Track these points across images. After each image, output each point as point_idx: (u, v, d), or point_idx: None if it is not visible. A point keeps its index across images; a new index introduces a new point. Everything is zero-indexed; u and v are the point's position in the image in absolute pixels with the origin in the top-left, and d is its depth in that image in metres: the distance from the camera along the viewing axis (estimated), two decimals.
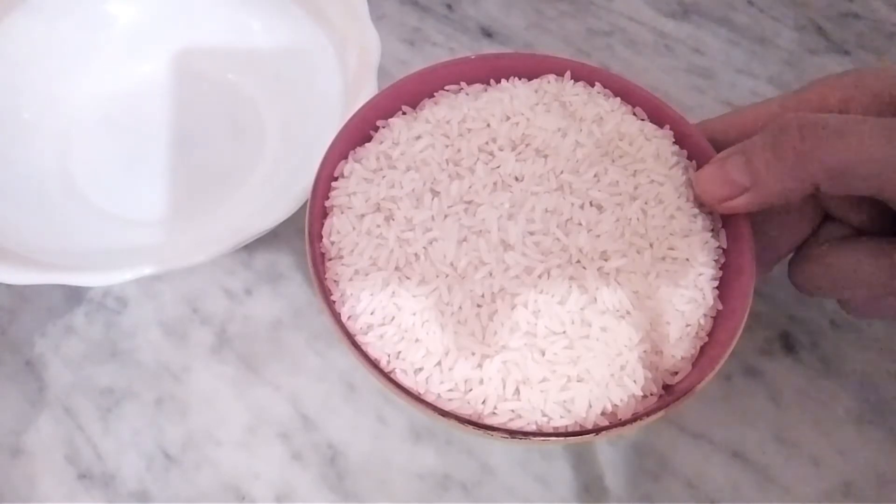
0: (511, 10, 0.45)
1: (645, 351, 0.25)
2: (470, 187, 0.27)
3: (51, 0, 0.36)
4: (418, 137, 0.28)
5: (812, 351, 0.32)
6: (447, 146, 0.28)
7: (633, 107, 0.30)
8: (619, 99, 0.30)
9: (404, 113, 0.30)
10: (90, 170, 0.36)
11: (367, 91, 0.31)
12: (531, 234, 0.26)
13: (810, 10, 0.44)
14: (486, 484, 0.29)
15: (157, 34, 0.39)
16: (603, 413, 0.24)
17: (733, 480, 0.29)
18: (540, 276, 0.25)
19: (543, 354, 0.24)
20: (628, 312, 0.25)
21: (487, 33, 0.43)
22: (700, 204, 0.27)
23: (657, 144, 0.28)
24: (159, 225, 0.35)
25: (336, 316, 0.25)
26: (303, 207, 0.29)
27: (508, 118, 0.28)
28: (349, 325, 0.25)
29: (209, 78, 0.39)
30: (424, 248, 0.25)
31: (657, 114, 0.29)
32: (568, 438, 0.23)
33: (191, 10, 0.38)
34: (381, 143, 0.29)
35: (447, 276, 0.25)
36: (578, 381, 0.24)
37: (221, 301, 0.34)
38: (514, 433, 0.23)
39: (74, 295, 0.34)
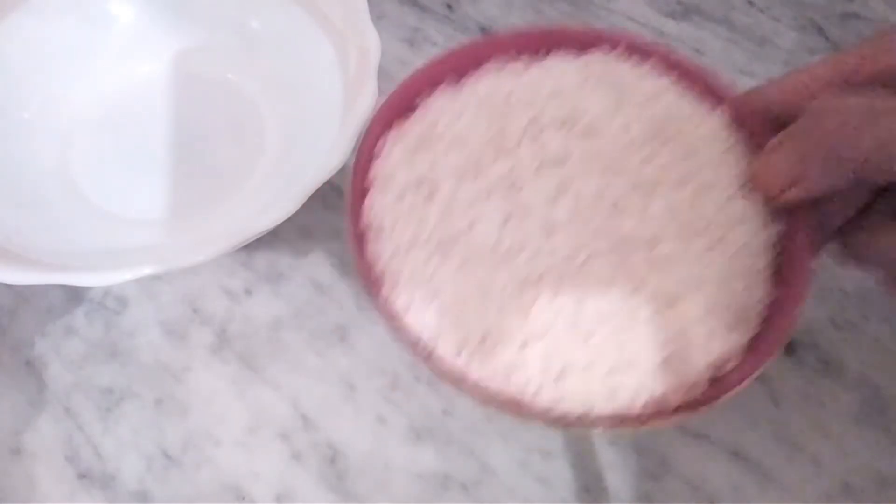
0: (511, 9, 0.44)
1: (694, 340, 0.23)
2: (514, 167, 0.25)
3: (51, 0, 0.36)
4: (462, 113, 0.27)
5: (812, 351, 0.32)
6: (492, 123, 0.26)
7: (688, 85, 0.28)
8: (672, 76, 0.28)
9: (447, 88, 0.29)
10: (90, 170, 0.36)
11: (368, 91, 0.31)
12: (577, 216, 0.24)
13: (810, 10, 0.44)
14: (486, 484, 0.29)
15: (157, 34, 0.39)
16: (650, 400, 0.23)
17: (733, 480, 0.29)
18: (586, 260, 0.24)
19: (588, 340, 0.23)
20: (679, 300, 0.24)
21: (487, 33, 0.43)
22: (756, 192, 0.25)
23: (711, 126, 0.26)
24: (159, 225, 0.35)
25: (376, 295, 0.24)
26: (303, 207, 0.29)
27: (555, 95, 0.27)
28: (389, 303, 0.24)
29: (209, 78, 0.39)
30: (466, 227, 0.24)
31: (713, 92, 0.28)
32: (612, 427, 0.22)
33: (191, 10, 0.38)
34: (424, 117, 0.27)
35: (490, 257, 0.24)
36: (625, 367, 0.23)
37: (221, 301, 0.34)
38: (557, 419, 0.22)
39: (74, 295, 0.34)
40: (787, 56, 0.42)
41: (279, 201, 0.30)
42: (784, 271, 0.25)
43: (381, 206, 0.26)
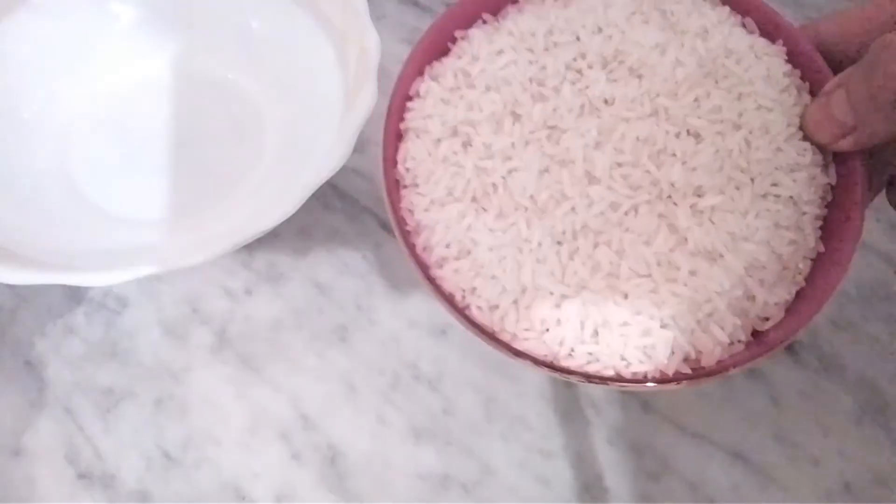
0: None
1: (736, 297, 0.23)
2: (554, 111, 0.24)
3: (51, 0, 0.36)
4: (500, 52, 0.26)
5: (812, 351, 0.32)
6: (531, 63, 0.25)
7: (743, 17, 0.26)
8: (727, 8, 0.26)
9: (485, 22, 0.27)
10: (90, 170, 0.36)
11: (368, 91, 0.31)
12: (619, 165, 0.23)
13: (810, 9, 0.44)
14: (486, 484, 0.29)
15: (157, 34, 0.39)
16: (685, 360, 0.22)
17: (733, 480, 0.29)
18: (626, 213, 0.23)
19: (626, 297, 0.22)
20: (721, 255, 0.23)
21: None
22: (810, 138, 0.24)
23: (768, 63, 0.25)
24: (159, 225, 0.35)
25: (410, 247, 0.24)
26: (303, 207, 0.29)
27: (601, 30, 0.25)
28: (423, 257, 0.24)
29: (209, 78, 0.39)
30: (503, 178, 0.24)
31: (770, 26, 0.26)
32: (647, 385, 0.22)
33: (191, 10, 0.38)
34: (460, 58, 0.26)
35: (526, 209, 0.23)
36: (662, 326, 0.22)
37: (221, 301, 0.34)
38: (590, 377, 0.22)
39: (74, 295, 0.34)
40: None
41: (279, 201, 0.30)
42: (833, 224, 0.24)
43: (416, 154, 0.25)
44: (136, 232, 0.34)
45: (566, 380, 0.22)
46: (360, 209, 0.36)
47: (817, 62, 0.25)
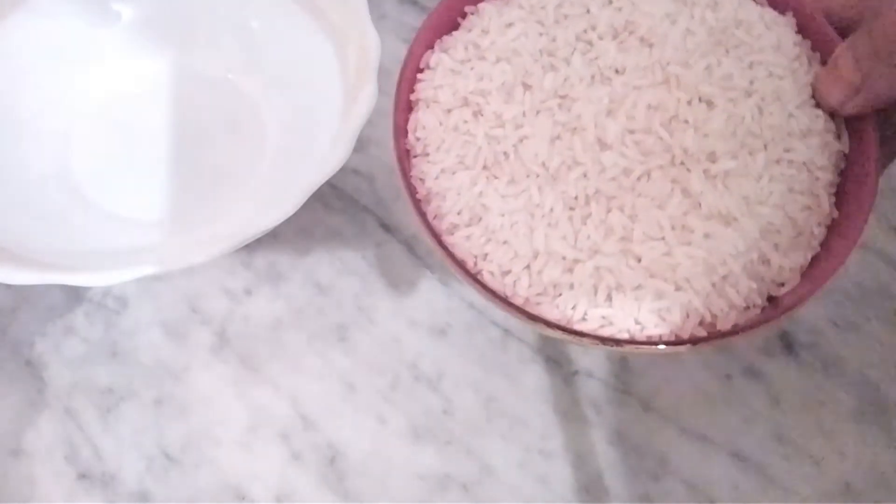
0: None
1: (751, 260, 0.23)
2: (565, 80, 0.24)
3: (51, 0, 0.36)
4: (510, 25, 0.26)
5: (812, 351, 0.32)
6: (541, 35, 0.25)
7: None
8: None
9: None
10: (90, 170, 0.36)
11: (368, 91, 0.31)
12: (631, 132, 0.23)
13: None
14: (486, 484, 0.29)
15: (157, 34, 0.39)
16: (701, 323, 0.22)
17: (733, 480, 0.29)
18: (639, 179, 0.23)
19: (640, 261, 0.22)
20: (735, 219, 0.22)
21: None
22: (822, 104, 0.24)
23: (778, 33, 0.25)
24: (159, 225, 0.35)
25: (422, 215, 0.24)
26: (303, 207, 0.29)
27: (611, 2, 0.26)
28: (435, 224, 0.24)
29: (209, 78, 0.39)
30: (514, 145, 0.24)
31: None
32: (662, 347, 0.22)
33: (191, 9, 0.38)
34: (470, 31, 0.26)
35: (538, 175, 0.23)
36: (676, 289, 0.22)
37: (221, 301, 0.34)
38: (605, 339, 0.22)
39: (74, 295, 0.34)
40: None
41: (279, 201, 0.30)
42: (847, 190, 0.24)
43: (427, 123, 0.25)
44: (136, 232, 0.34)
45: (579, 343, 0.22)
46: (360, 209, 0.36)
47: (827, 31, 0.25)
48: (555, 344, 0.32)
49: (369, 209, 0.35)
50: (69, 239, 0.33)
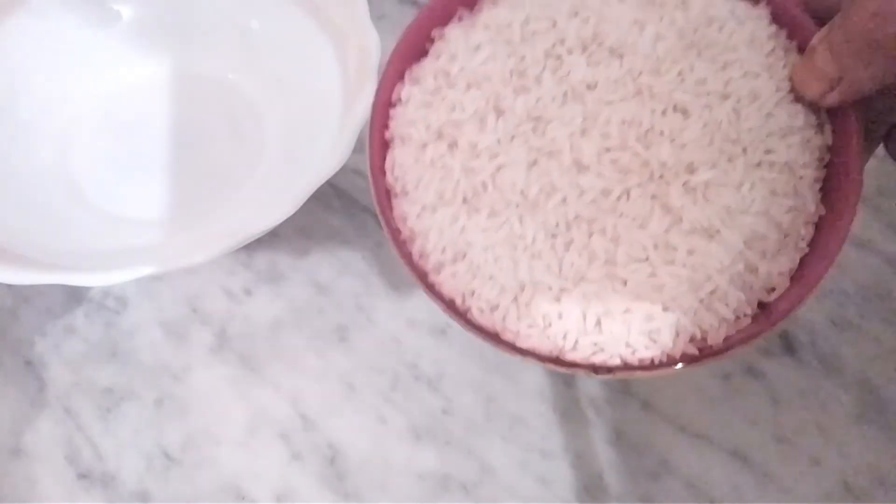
0: None
1: (738, 272, 0.22)
2: (537, 101, 0.24)
3: (52, 0, 0.36)
4: (477, 48, 0.25)
5: (812, 351, 0.32)
6: (510, 55, 0.25)
7: None
8: None
9: (461, 19, 0.27)
10: (90, 170, 0.36)
11: (368, 91, 0.31)
12: (607, 150, 0.23)
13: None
14: (486, 484, 0.29)
15: (157, 34, 0.39)
16: (692, 340, 0.22)
17: (733, 480, 0.29)
18: (618, 199, 0.23)
19: (625, 284, 0.22)
20: (718, 231, 0.22)
21: None
22: (801, 97, 0.24)
23: (751, 27, 0.24)
24: (159, 225, 0.35)
25: (407, 257, 0.24)
26: (303, 207, 0.29)
27: (577, 14, 0.25)
28: (420, 264, 0.24)
29: (209, 78, 0.39)
30: (492, 175, 0.23)
31: None
32: (654, 371, 0.22)
33: (191, 9, 0.38)
34: (438, 58, 0.26)
35: (518, 205, 0.23)
36: (664, 310, 0.22)
37: (221, 301, 0.34)
38: (597, 368, 0.22)
39: (74, 295, 0.34)
40: None
41: (279, 201, 0.30)
42: (833, 184, 0.24)
43: (403, 161, 0.25)
44: (136, 232, 0.34)
45: (573, 374, 0.22)
46: (360, 209, 0.36)
47: (802, 20, 0.24)
48: None
49: (369, 209, 0.35)
50: (69, 239, 0.33)
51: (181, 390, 0.32)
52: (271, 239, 0.34)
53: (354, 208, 0.36)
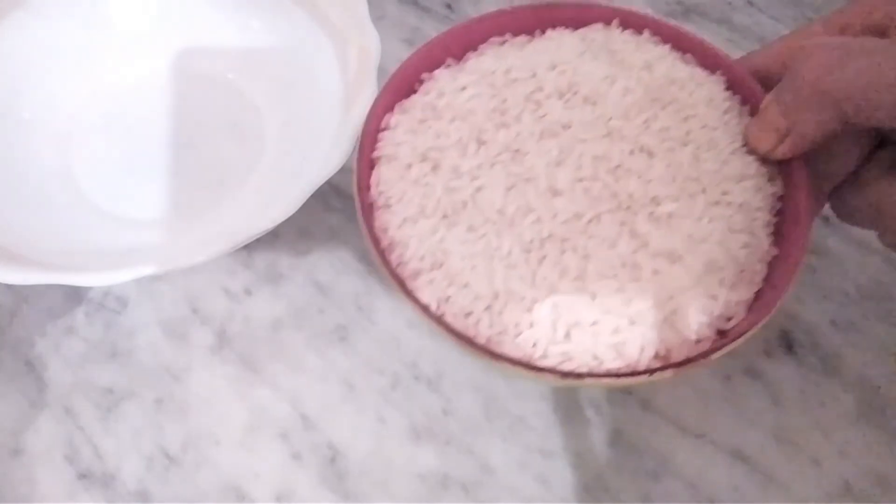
0: None
1: (698, 295, 0.24)
2: (517, 135, 0.26)
3: (51, 0, 0.36)
4: (464, 88, 0.28)
5: (812, 351, 0.32)
6: (493, 96, 0.27)
7: (684, 53, 0.29)
8: (668, 46, 0.29)
9: (449, 66, 0.29)
10: (90, 170, 0.36)
11: (367, 91, 0.31)
12: (580, 180, 0.25)
13: (810, 10, 0.44)
14: (486, 484, 0.29)
15: (157, 34, 0.39)
16: (656, 356, 0.23)
17: (733, 480, 0.29)
18: (589, 222, 0.24)
19: (594, 298, 0.24)
20: (681, 256, 0.24)
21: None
22: (754, 151, 0.26)
23: (709, 90, 0.27)
24: (159, 225, 0.35)
25: (387, 263, 0.25)
26: (303, 207, 0.29)
27: (555, 67, 0.28)
28: (399, 271, 0.25)
29: (209, 78, 0.39)
30: (472, 195, 0.25)
31: (708, 60, 0.29)
32: (620, 379, 0.23)
33: (191, 9, 0.38)
34: (427, 94, 0.28)
35: (495, 222, 0.25)
36: (631, 323, 0.23)
37: (221, 301, 0.34)
38: (565, 374, 0.23)
39: (74, 295, 0.34)
40: None
41: (279, 201, 0.30)
42: (784, 230, 0.26)
43: (388, 177, 0.26)
44: (137, 232, 0.34)
45: (542, 379, 0.23)
46: None
47: (753, 87, 0.27)
48: None
49: None
50: (69, 239, 0.33)
51: (181, 390, 0.32)
52: (271, 239, 0.34)
53: (354, 208, 0.35)
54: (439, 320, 0.24)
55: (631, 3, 0.45)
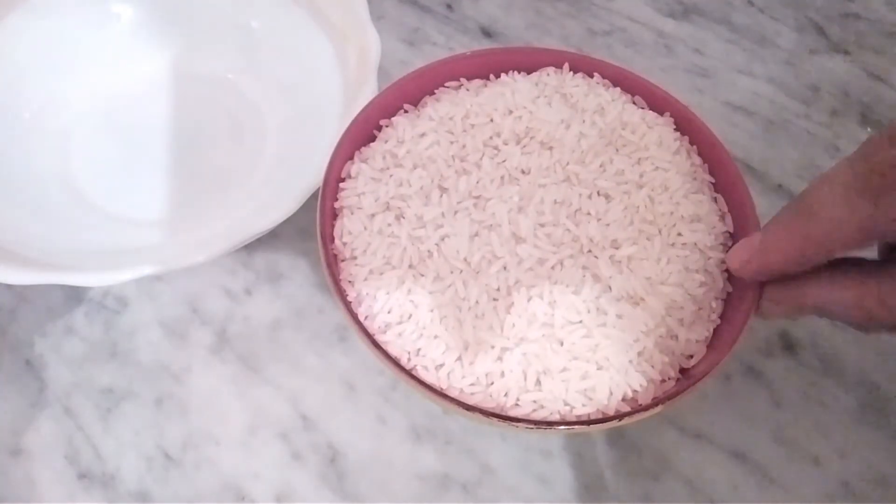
0: (511, 9, 0.44)
1: (661, 336, 0.25)
2: (478, 182, 0.27)
3: (51, 0, 0.36)
4: (423, 135, 0.28)
5: (812, 351, 0.32)
6: (452, 142, 0.28)
7: (633, 96, 0.30)
8: (618, 89, 0.30)
9: (406, 111, 0.30)
10: (90, 170, 0.36)
11: (367, 91, 0.31)
12: (542, 225, 0.26)
13: (810, 9, 0.44)
14: (486, 484, 0.29)
15: (157, 34, 0.39)
16: (624, 399, 0.24)
17: (733, 480, 0.29)
18: (553, 267, 0.25)
19: (562, 344, 0.24)
20: (643, 299, 0.25)
21: (487, 33, 0.43)
22: (705, 190, 0.27)
23: (659, 132, 0.28)
24: (159, 225, 0.35)
25: (354, 316, 0.25)
26: (303, 207, 0.29)
27: (511, 112, 0.29)
28: (367, 324, 0.25)
29: (209, 78, 0.39)
30: (437, 244, 0.26)
31: (657, 101, 0.30)
32: (591, 426, 0.23)
33: (191, 9, 0.38)
34: (387, 141, 0.29)
35: (461, 271, 0.25)
36: (598, 368, 0.24)
37: (221, 301, 0.34)
38: (538, 423, 0.23)
39: (74, 295, 0.34)
40: (787, 56, 0.42)
41: (279, 201, 0.30)
42: None
43: (352, 228, 0.27)
44: (136, 232, 0.34)
45: (515, 429, 0.23)
46: None
47: (702, 128, 0.28)
48: None
49: None
50: (69, 239, 0.33)
51: (181, 390, 0.32)
52: (271, 239, 0.34)
53: None
54: (410, 374, 0.24)
55: (632, 4, 0.45)
